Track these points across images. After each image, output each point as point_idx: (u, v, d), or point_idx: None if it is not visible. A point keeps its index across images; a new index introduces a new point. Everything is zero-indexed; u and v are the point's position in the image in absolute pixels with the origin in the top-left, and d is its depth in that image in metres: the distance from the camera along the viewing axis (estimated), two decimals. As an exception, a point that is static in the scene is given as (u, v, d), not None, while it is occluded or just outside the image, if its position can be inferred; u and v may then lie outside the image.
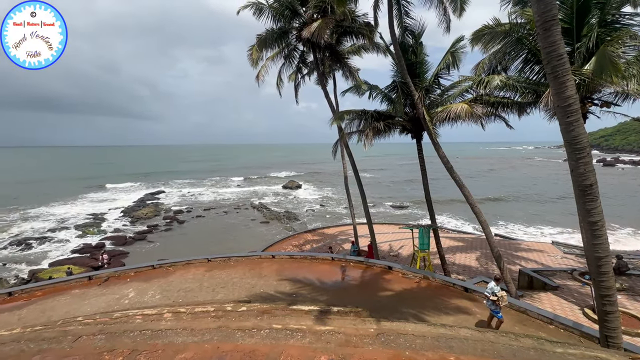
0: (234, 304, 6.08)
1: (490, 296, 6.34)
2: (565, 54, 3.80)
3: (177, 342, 2.92)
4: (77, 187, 50.85)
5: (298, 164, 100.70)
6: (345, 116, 11.82)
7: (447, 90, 11.48)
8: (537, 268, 12.43)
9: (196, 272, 10.83)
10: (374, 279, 10.14)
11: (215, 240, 24.00)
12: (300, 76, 15.32)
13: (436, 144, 9.83)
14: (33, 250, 23.41)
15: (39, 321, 6.39)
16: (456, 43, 10.96)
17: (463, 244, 17.27)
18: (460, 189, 9.67)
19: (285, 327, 3.42)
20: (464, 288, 8.96)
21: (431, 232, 11.78)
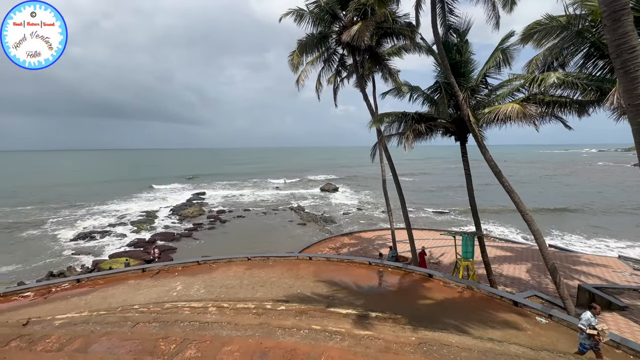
0: (273, 302, 6.25)
1: (587, 329, 5.37)
2: (638, 46, 3.40)
3: (222, 335, 3.08)
4: (133, 187, 55.76)
5: (336, 166, 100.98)
6: (384, 119, 11.64)
7: (495, 90, 10.84)
8: (601, 284, 11.17)
9: (237, 270, 11.30)
10: (413, 286, 9.82)
11: (254, 240, 24.87)
12: (339, 79, 15.41)
13: (482, 146, 9.30)
14: (96, 243, 26.05)
15: (102, 307, 7.07)
16: (506, 39, 10.31)
17: (512, 254, 16.08)
18: (510, 195, 9.04)
19: (324, 329, 3.45)
20: (513, 302, 8.34)
21: (476, 240, 11.14)
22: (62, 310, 6.08)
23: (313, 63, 13.58)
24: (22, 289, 9.23)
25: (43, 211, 37.62)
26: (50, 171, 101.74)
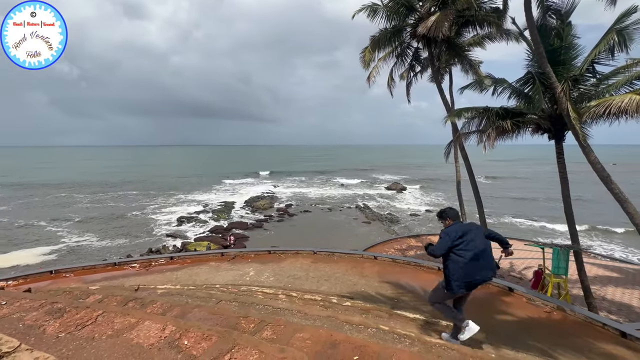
0: (338, 297, 6.35)
1: None
2: None
3: (293, 321, 3.25)
4: (214, 179, 62.29)
5: (404, 165, 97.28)
6: (463, 114, 10.79)
7: (605, 79, 9.14)
8: None
9: (303, 262, 11.76)
10: (489, 299, 8.90)
11: (320, 235, 25.55)
12: (412, 74, 14.81)
13: (586, 146, 7.94)
14: (184, 227, 29.85)
15: (189, 282, 8.07)
16: (624, 17, 8.58)
17: (619, 275, 13.46)
18: (621, 205, 7.56)
19: (392, 330, 3.38)
20: (621, 332, 6.96)
21: (571, 255, 9.59)
22: (160, 282, 7.14)
23: (385, 59, 13.28)
24: (131, 260, 11.05)
25: (145, 197, 44.62)
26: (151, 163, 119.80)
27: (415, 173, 75.07)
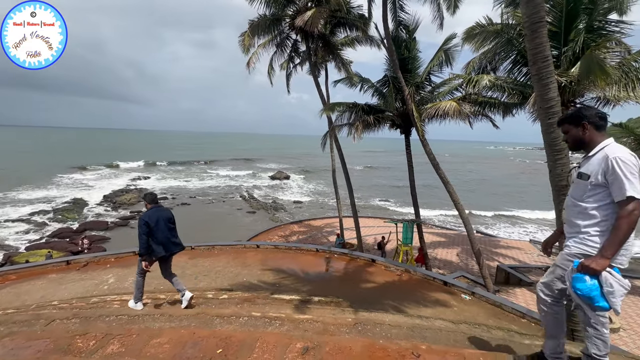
0: (216, 291, 6.07)
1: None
2: (550, 56, 3.88)
3: (153, 327, 2.90)
4: (57, 170, 49.21)
5: (288, 155, 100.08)
6: (336, 108, 11.79)
7: (437, 88, 11.58)
8: (514, 265, 12.87)
9: (178, 260, 10.67)
10: (357, 271, 10.27)
11: (200, 229, 23.76)
12: (292, 65, 15.15)
13: (423, 140, 9.93)
14: (8, 234, 22.65)
15: (13, 305, 6.21)
16: (448, 40, 11.02)
17: (445, 239, 17.68)
18: (445, 186, 9.84)
19: (264, 315, 3.44)
20: (444, 282, 9.17)
21: (415, 227, 11.99)
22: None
23: (265, 46, 13.12)
24: None
25: None
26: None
27: (299, 162, 78.57)
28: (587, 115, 2.02)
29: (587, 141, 2.02)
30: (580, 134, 2.03)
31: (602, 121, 2.02)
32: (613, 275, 1.79)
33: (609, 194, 1.86)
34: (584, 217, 1.95)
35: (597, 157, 1.93)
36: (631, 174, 1.77)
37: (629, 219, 1.74)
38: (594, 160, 1.94)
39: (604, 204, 1.89)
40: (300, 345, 2.34)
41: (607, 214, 1.87)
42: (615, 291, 1.77)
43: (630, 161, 1.79)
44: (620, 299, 1.80)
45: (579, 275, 1.81)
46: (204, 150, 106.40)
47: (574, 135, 2.07)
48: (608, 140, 1.97)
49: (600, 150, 1.94)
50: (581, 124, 2.02)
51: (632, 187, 1.74)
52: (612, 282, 1.77)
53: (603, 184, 1.87)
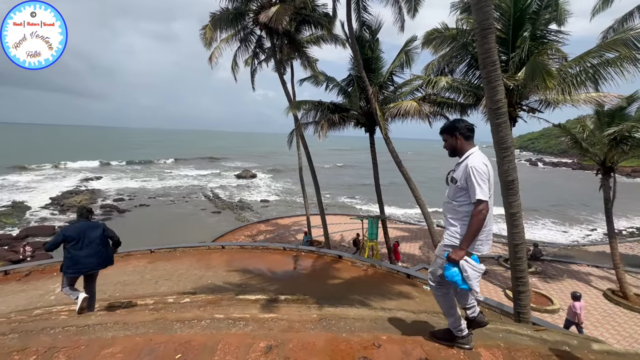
0: (177, 295, 5.82)
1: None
2: (498, 61, 4.18)
3: (105, 336, 2.71)
4: (-7, 170, 44.09)
5: (254, 153, 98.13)
6: (302, 106, 11.78)
7: (399, 88, 11.99)
8: (471, 255, 13.72)
9: (137, 264, 10.13)
10: (325, 268, 10.39)
11: (161, 231, 22.59)
12: (257, 62, 14.86)
13: (387, 138, 10.25)
14: None
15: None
16: (409, 43, 11.45)
17: (409, 234, 18.42)
18: (408, 182, 10.25)
19: (228, 317, 3.36)
20: (407, 275, 9.58)
21: (380, 223, 12.36)
22: None
23: (228, 41, 12.72)
24: None
25: None
26: None
27: (266, 161, 77.45)
28: (458, 127, 2.36)
29: (459, 149, 2.38)
30: (454, 142, 2.39)
31: (470, 132, 2.38)
32: (469, 262, 2.18)
33: (469, 196, 2.24)
34: (453, 214, 2.35)
35: (462, 165, 2.31)
36: (482, 180, 2.16)
37: (478, 217, 2.14)
38: (461, 167, 2.31)
39: (467, 203, 2.26)
40: (263, 345, 2.32)
41: (468, 212, 2.24)
42: (470, 275, 2.17)
43: (482, 170, 2.19)
44: (476, 281, 2.22)
45: (447, 265, 2.21)
46: (165, 149, 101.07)
47: (450, 143, 2.42)
48: (472, 150, 2.34)
49: (465, 159, 2.31)
50: (454, 134, 2.38)
51: (482, 192, 2.14)
52: (467, 268, 2.17)
53: (465, 187, 2.26)
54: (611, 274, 11.31)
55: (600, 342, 3.29)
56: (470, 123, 2.42)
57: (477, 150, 2.35)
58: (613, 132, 9.52)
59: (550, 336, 3.30)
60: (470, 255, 2.21)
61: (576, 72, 8.37)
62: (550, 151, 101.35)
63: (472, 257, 2.22)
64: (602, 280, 11.77)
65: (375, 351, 2.29)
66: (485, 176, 2.19)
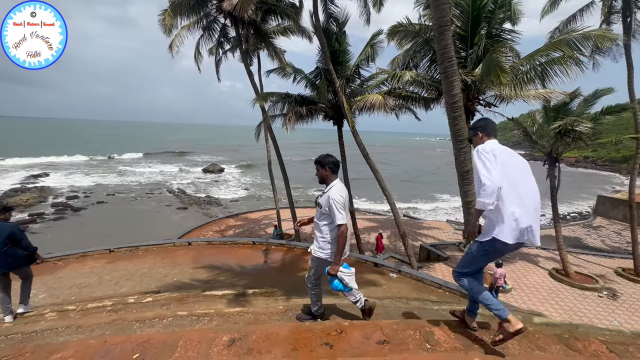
0: (139, 295, 5.58)
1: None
2: (454, 57, 4.39)
3: (55, 342, 2.55)
4: None
5: (221, 146, 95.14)
6: (269, 98, 11.58)
7: (366, 81, 12.15)
8: (434, 243, 14.46)
9: (94, 265, 9.55)
10: (295, 261, 10.45)
11: (122, 230, 21.37)
12: (221, 51, 14.31)
13: (354, 131, 10.39)
14: None
15: None
16: (375, 36, 11.60)
17: (377, 224, 18.96)
18: (374, 174, 10.50)
19: (192, 314, 3.30)
20: (375, 263, 9.90)
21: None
22: None
23: (190, 28, 12.12)
24: None
25: None
26: None
27: (234, 154, 75.43)
28: (326, 162, 2.97)
29: (326, 179, 2.98)
30: (323, 173, 2.98)
31: (335, 167, 3.00)
32: (342, 271, 2.86)
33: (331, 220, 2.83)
34: (320, 232, 2.95)
35: (326, 195, 2.88)
36: (341, 208, 2.76)
37: (342, 238, 2.77)
38: (325, 197, 2.89)
39: (329, 223, 2.87)
40: (226, 338, 2.31)
41: (330, 230, 2.88)
42: (347, 280, 2.88)
43: (339, 200, 2.76)
44: (353, 281, 2.95)
45: (330, 278, 2.84)
46: (125, 142, 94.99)
47: (321, 173, 3.00)
48: (334, 182, 2.95)
49: (328, 190, 2.90)
50: (324, 167, 2.96)
51: (342, 218, 2.74)
52: (343, 276, 2.86)
53: (327, 213, 2.84)
54: (556, 254, 12.44)
55: (541, 316, 3.65)
56: (336, 159, 3.04)
57: (338, 182, 2.95)
58: (558, 126, 10.38)
59: (498, 313, 3.60)
60: (342, 265, 2.86)
61: (527, 69, 8.98)
62: (505, 143, 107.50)
63: (344, 266, 2.89)
64: (548, 260, 12.93)
65: (336, 337, 2.37)
66: (342, 204, 2.77)
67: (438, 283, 8.57)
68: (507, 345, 2.37)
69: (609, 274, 11.95)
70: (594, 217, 23.04)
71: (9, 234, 4.41)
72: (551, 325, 3.09)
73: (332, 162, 2.97)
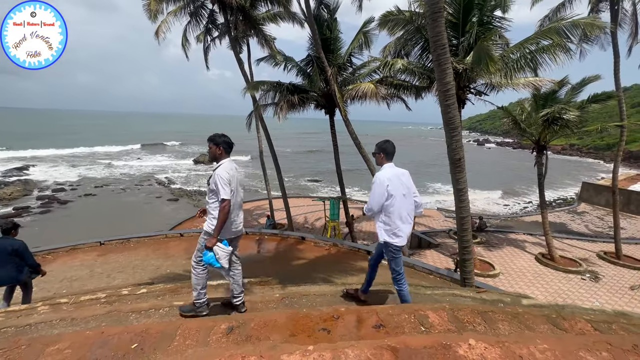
0: (133, 287, 5.55)
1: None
2: (447, 44, 4.38)
3: (50, 334, 2.54)
4: None
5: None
6: (260, 87, 11.39)
7: (358, 69, 12.04)
8: (425, 230, 14.73)
9: (85, 258, 9.43)
10: (288, 250, 10.51)
11: (111, 222, 21.07)
12: (209, 38, 13.95)
13: (346, 120, 10.35)
14: None
15: None
16: (367, 24, 11.45)
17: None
18: (366, 163, 10.53)
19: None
20: (367, 252, 10.03)
21: (341, 204, 12.68)
22: None
23: (176, 14, 11.74)
24: None
25: None
26: None
27: (225, 144, 74.16)
28: (220, 141, 3.05)
29: (217, 158, 3.06)
30: (215, 151, 3.05)
31: (229, 147, 3.09)
32: (219, 246, 2.86)
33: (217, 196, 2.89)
34: (210, 209, 3.02)
35: (215, 172, 2.97)
36: (225, 184, 2.85)
37: (223, 212, 2.81)
38: (214, 173, 2.97)
39: (216, 201, 2.93)
40: (224, 326, 2.33)
41: (217, 207, 2.90)
42: (220, 256, 2.85)
43: (224, 176, 2.87)
44: (225, 260, 2.89)
45: (205, 251, 2.88)
46: (112, 133, 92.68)
47: (213, 151, 3.07)
48: (224, 161, 3.03)
49: (216, 168, 2.99)
50: (218, 145, 3.04)
51: (225, 193, 2.83)
52: (218, 251, 2.85)
53: (214, 189, 2.93)
54: (542, 239, 12.83)
55: (529, 298, 3.78)
56: (230, 140, 3.12)
57: (228, 161, 3.05)
58: (546, 114, 10.54)
59: (489, 296, 3.72)
60: (222, 241, 2.88)
61: (517, 57, 9.03)
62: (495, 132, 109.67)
63: (223, 242, 2.89)
64: (535, 245, 13.34)
65: (334, 322, 2.41)
66: (227, 181, 2.87)
67: (429, 269, 8.77)
68: (498, 326, 2.46)
69: (591, 257, 12.42)
70: (578, 203, 23.72)
71: (15, 250, 4.68)
72: (538, 307, 3.21)
73: (225, 142, 3.05)
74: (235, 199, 3.00)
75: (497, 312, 2.61)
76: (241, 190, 3.19)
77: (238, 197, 3.07)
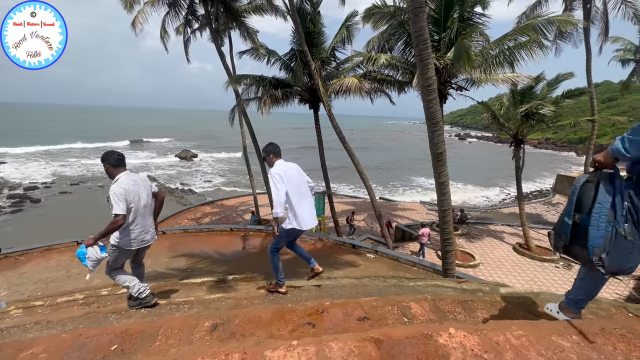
0: (113, 287, 5.39)
1: None
2: (429, 39, 4.43)
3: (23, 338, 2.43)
4: None
5: (194, 132, 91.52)
6: (242, 80, 11.20)
7: (342, 64, 12.02)
8: (408, 223, 15.00)
9: (61, 259, 9.06)
10: (273, 246, 10.45)
11: (88, 220, 20.20)
12: (189, 30, 13.54)
13: (330, 114, 10.35)
14: None
15: None
16: (350, 17, 11.42)
17: (354, 207, 19.29)
18: (351, 158, 10.59)
19: (171, 302, 3.25)
20: (352, 245, 10.14)
21: (326, 198, 12.72)
22: None
23: (154, 4, 11.31)
24: None
25: None
26: None
27: (207, 140, 72.85)
28: (105, 158, 3.14)
29: (112, 175, 3.12)
30: (107, 170, 3.14)
31: (118, 161, 3.15)
32: (94, 249, 2.95)
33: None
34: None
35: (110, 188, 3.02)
36: (118, 200, 2.91)
37: (112, 225, 2.89)
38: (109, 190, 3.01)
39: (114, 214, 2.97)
40: (208, 324, 2.31)
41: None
42: (90, 256, 2.94)
43: (118, 192, 2.94)
44: (94, 263, 2.99)
45: (82, 245, 2.96)
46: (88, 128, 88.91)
47: (106, 170, 3.16)
48: (120, 175, 3.10)
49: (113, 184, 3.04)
50: (104, 164, 3.14)
51: (117, 208, 2.89)
52: (91, 254, 2.94)
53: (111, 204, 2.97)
54: (519, 230, 13.35)
55: (507, 287, 3.93)
56: (120, 153, 3.20)
57: (124, 175, 3.11)
58: (525, 109, 10.90)
59: (469, 286, 3.84)
60: (101, 247, 3.00)
61: (496, 53, 9.25)
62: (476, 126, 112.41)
63: (101, 248, 3.01)
64: (512, 236, 13.87)
65: (319, 316, 2.43)
66: (120, 196, 2.93)
67: (412, 262, 8.96)
68: (477, 315, 2.54)
69: (565, 246, 13.01)
70: (553, 194, 24.78)
71: None
72: (515, 295, 3.35)
73: (113, 158, 3.12)
74: (137, 210, 3.08)
75: (476, 301, 2.70)
76: (147, 197, 3.22)
77: (141, 207, 3.12)
